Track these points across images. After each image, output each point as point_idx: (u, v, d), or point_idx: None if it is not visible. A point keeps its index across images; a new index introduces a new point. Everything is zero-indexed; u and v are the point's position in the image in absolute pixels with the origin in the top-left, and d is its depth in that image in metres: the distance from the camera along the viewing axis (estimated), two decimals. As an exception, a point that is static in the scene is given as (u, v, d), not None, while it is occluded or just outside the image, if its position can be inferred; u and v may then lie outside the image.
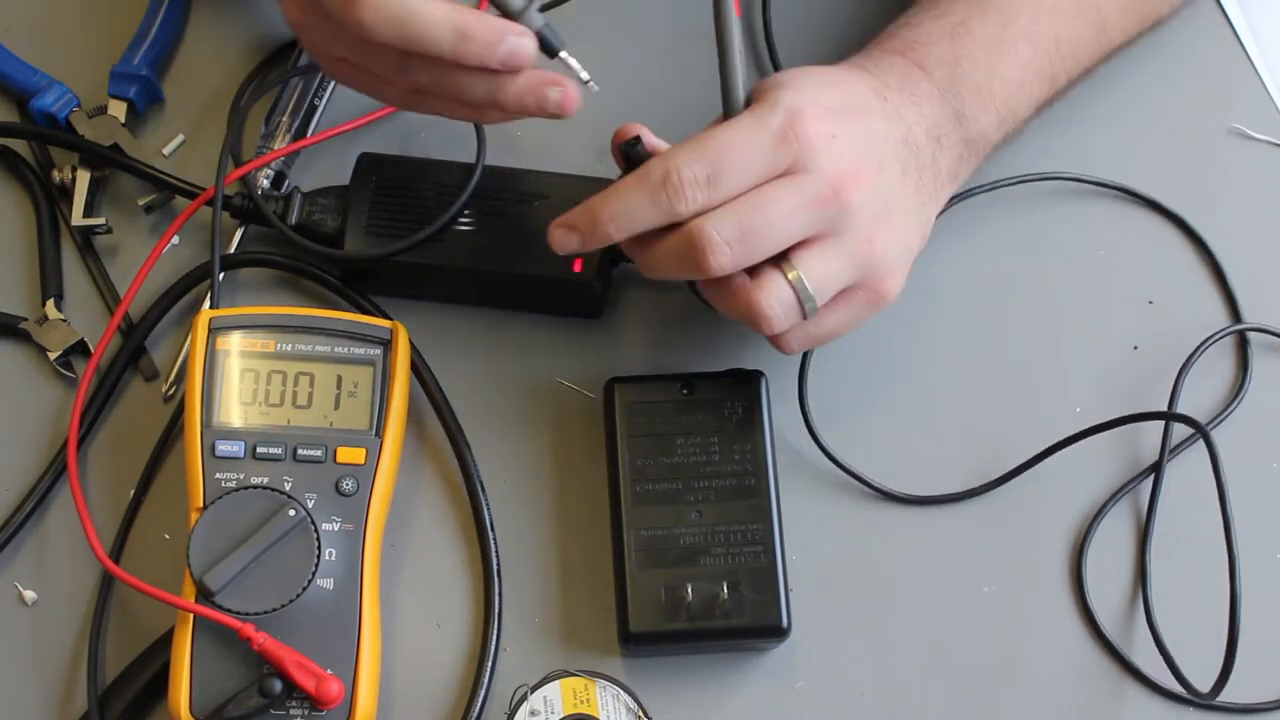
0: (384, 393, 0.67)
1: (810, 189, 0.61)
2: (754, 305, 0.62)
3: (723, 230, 0.61)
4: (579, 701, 0.64)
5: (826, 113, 0.62)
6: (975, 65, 0.69)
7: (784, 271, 0.62)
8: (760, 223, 0.61)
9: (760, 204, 0.61)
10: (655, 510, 0.67)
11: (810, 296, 0.62)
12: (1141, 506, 0.71)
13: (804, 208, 0.61)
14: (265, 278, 0.74)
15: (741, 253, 0.61)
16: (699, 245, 0.61)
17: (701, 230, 0.61)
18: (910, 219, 0.66)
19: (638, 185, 0.62)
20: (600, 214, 0.63)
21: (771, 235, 0.61)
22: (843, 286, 0.64)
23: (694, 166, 0.60)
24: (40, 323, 0.72)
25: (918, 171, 0.66)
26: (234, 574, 0.61)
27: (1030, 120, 0.73)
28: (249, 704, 0.61)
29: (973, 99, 0.68)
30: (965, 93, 0.68)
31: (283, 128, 0.76)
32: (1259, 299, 0.75)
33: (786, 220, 0.61)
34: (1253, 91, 0.81)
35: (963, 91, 0.68)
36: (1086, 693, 0.68)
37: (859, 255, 0.63)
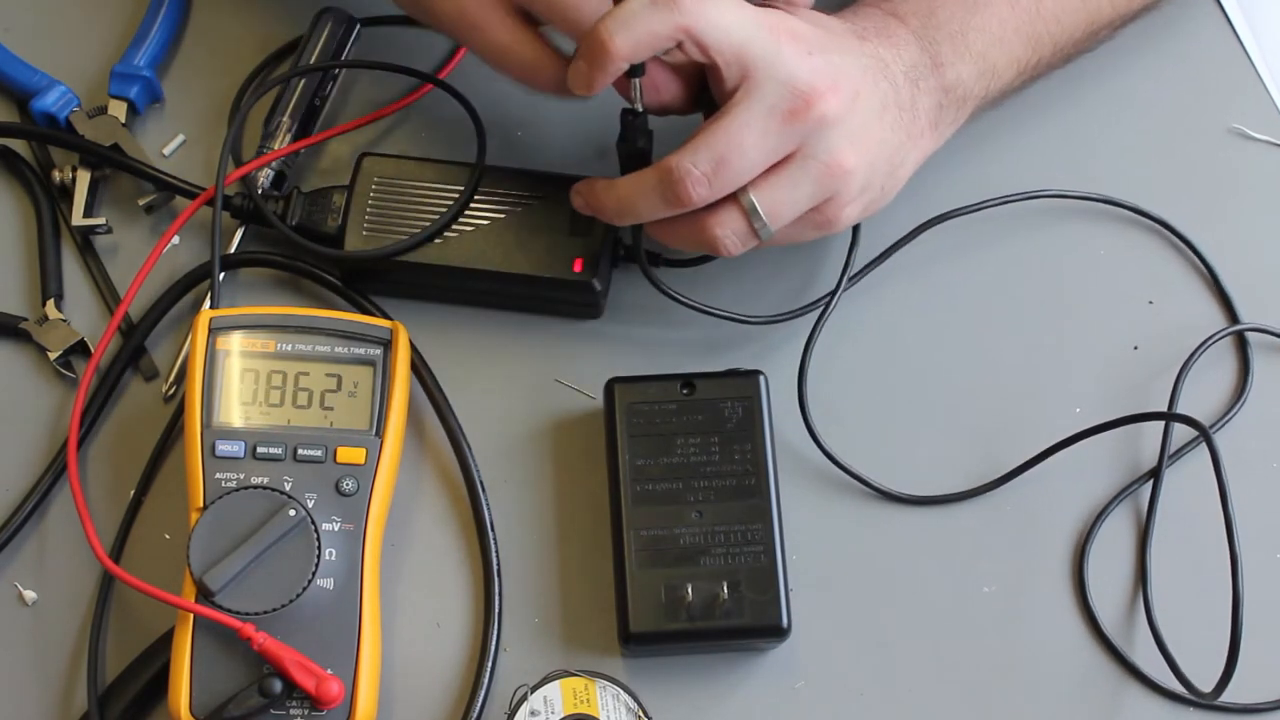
0: (384, 393, 0.67)
1: (782, 104, 0.62)
2: (709, 236, 0.65)
3: (698, 162, 0.62)
4: (579, 701, 0.64)
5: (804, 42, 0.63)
6: (951, 16, 0.69)
7: (739, 199, 0.63)
8: (733, 150, 0.62)
9: (731, 128, 0.62)
10: (655, 510, 0.66)
11: (765, 224, 0.64)
12: (1142, 507, 0.71)
13: (775, 127, 0.62)
14: (265, 278, 0.74)
15: (719, 182, 0.62)
16: (677, 179, 0.62)
17: (679, 165, 0.62)
18: (882, 153, 0.66)
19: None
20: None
21: (746, 159, 0.62)
22: (801, 212, 0.65)
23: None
24: (40, 323, 0.72)
25: (896, 108, 0.66)
26: (234, 574, 0.61)
27: (1015, 86, 0.72)
28: (249, 704, 0.61)
29: (949, 46, 0.69)
30: (941, 40, 0.68)
31: (283, 128, 0.76)
32: (1260, 299, 0.75)
33: (759, 142, 0.62)
34: (1253, 91, 0.81)
35: (939, 39, 0.68)
36: (1087, 693, 0.68)
37: (823, 176, 0.64)
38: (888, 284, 0.75)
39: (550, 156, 0.76)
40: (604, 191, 0.67)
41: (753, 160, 0.62)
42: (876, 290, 0.75)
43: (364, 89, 0.79)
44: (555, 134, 0.77)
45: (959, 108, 0.70)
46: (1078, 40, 0.74)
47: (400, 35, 0.80)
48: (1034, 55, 0.72)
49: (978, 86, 0.70)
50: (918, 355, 0.74)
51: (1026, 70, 0.72)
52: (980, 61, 0.70)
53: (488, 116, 0.74)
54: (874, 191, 0.67)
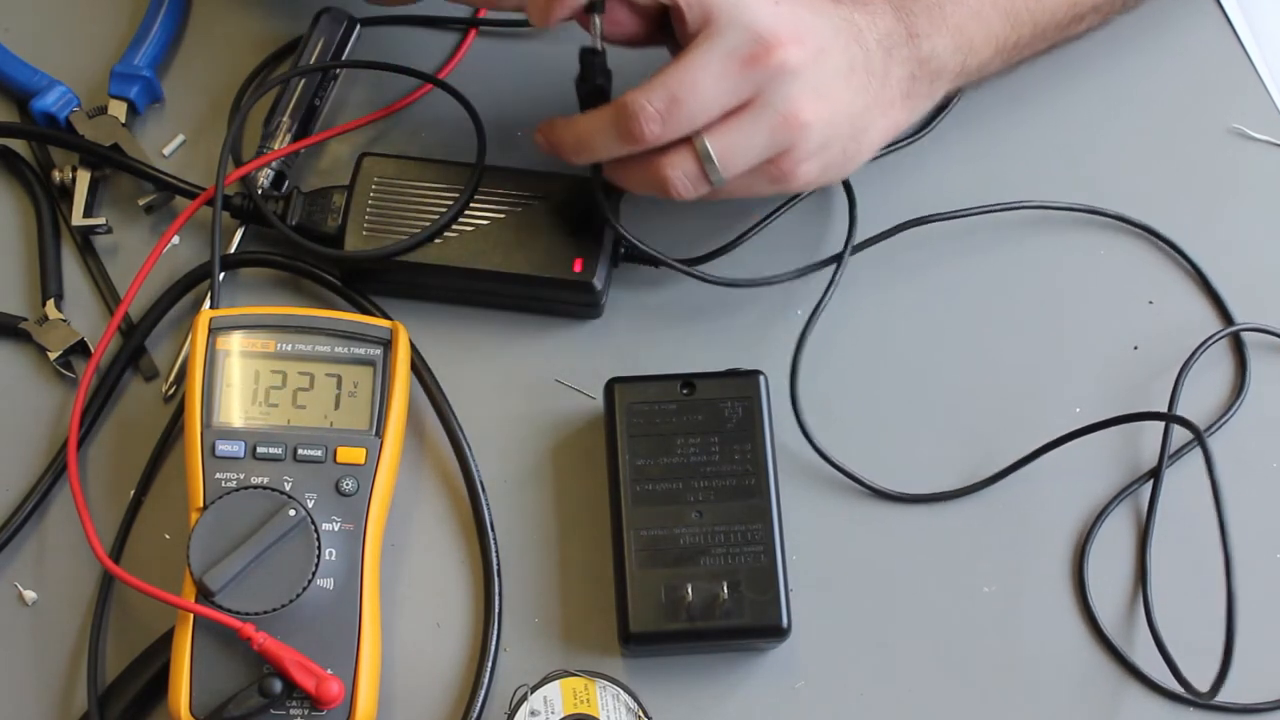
0: (384, 393, 0.67)
1: (742, 49, 0.62)
2: (660, 175, 0.64)
3: (653, 99, 0.62)
4: (579, 701, 0.64)
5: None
6: None
7: (692, 142, 0.63)
8: (688, 89, 0.61)
9: (688, 69, 0.62)
10: (655, 510, 0.66)
11: (717, 170, 0.63)
12: (1142, 507, 0.71)
13: (733, 71, 0.62)
14: (265, 278, 0.74)
15: (672, 121, 0.62)
16: (631, 114, 0.62)
17: (633, 100, 0.62)
18: (845, 114, 0.65)
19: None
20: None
21: (701, 100, 0.62)
22: (755, 162, 0.64)
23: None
24: (40, 323, 0.72)
25: (865, 73, 0.66)
26: (234, 574, 0.61)
27: (993, 65, 0.72)
28: (249, 704, 0.61)
29: (925, 18, 0.68)
30: (918, 11, 0.68)
31: (283, 128, 0.76)
32: (1260, 299, 0.75)
33: (715, 85, 0.62)
34: (1253, 91, 0.81)
35: (915, 10, 0.68)
36: (1087, 693, 0.68)
37: (779, 127, 0.63)
38: (888, 284, 0.75)
39: (550, 156, 0.76)
40: (562, 128, 0.67)
41: (707, 102, 0.62)
42: (877, 290, 0.75)
43: (364, 89, 0.79)
44: (555, 134, 0.77)
45: (933, 81, 0.69)
46: (1060, 22, 0.73)
47: (400, 35, 0.80)
48: (1013, 33, 0.71)
49: (953, 61, 0.69)
50: (919, 355, 0.74)
51: (1005, 48, 0.72)
52: (957, 35, 0.69)
53: (488, 116, 0.74)
54: (833, 152, 0.66)
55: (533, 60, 0.80)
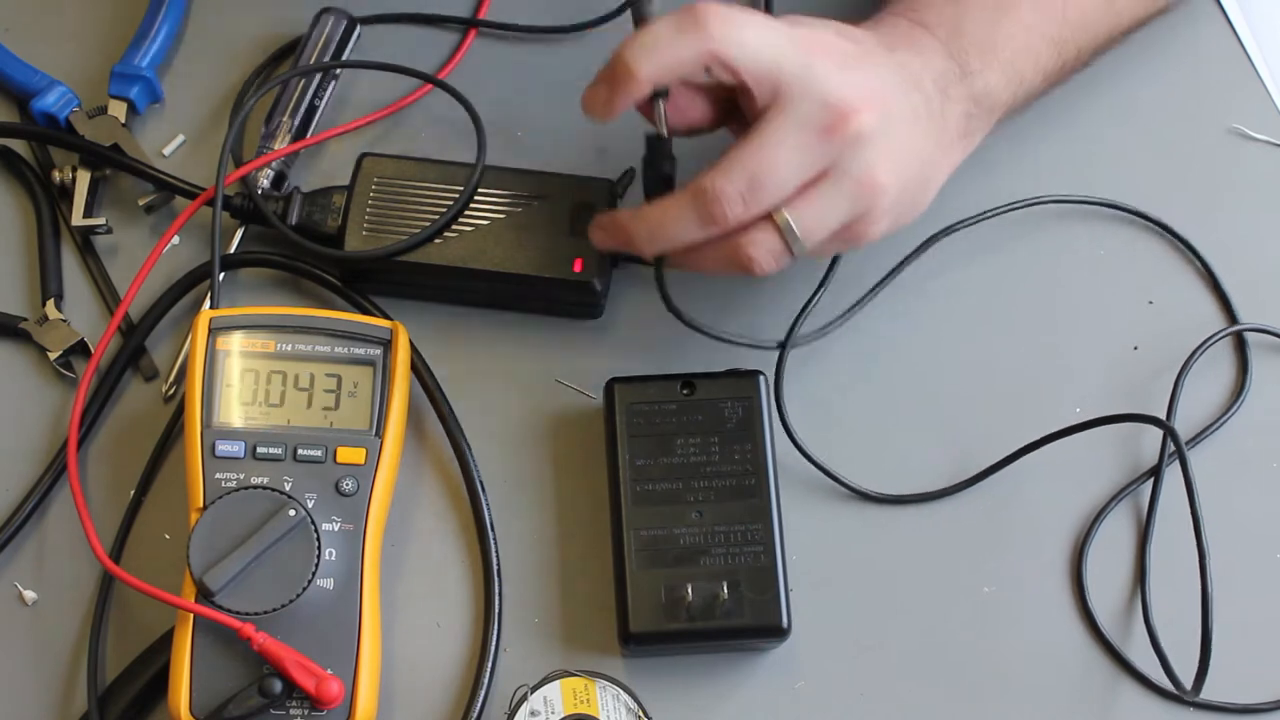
0: (384, 393, 0.67)
1: (816, 121, 0.61)
2: (743, 256, 0.63)
3: (733, 181, 0.61)
4: (579, 701, 0.64)
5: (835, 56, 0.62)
6: (978, 24, 0.68)
7: (774, 218, 0.62)
8: (767, 167, 0.61)
9: (763, 146, 0.61)
10: (655, 510, 0.66)
11: (799, 242, 0.62)
12: (1142, 506, 0.71)
13: (810, 144, 0.61)
14: (265, 278, 0.74)
15: (754, 201, 0.61)
16: (712, 199, 0.61)
17: (713, 184, 0.61)
18: (915, 166, 0.65)
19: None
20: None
21: (780, 177, 0.61)
22: (835, 229, 0.63)
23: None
24: (40, 323, 0.72)
25: (927, 119, 0.65)
26: (234, 574, 0.61)
27: (1039, 91, 0.72)
28: (249, 704, 0.61)
29: (977, 56, 0.68)
30: (969, 49, 0.68)
31: (283, 128, 0.76)
32: (1259, 299, 0.75)
33: (793, 159, 0.61)
34: (1253, 91, 0.81)
35: (967, 48, 0.68)
36: (1086, 693, 0.68)
37: (858, 193, 0.62)
38: (888, 285, 0.75)
39: (550, 156, 0.76)
40: (631, 221, 0.65)
41: (787, 178, 0.61)
42: (875, 292, 0.75)
43: (364, 89, 0.79)
44: (555, 134, 0.77)
45: (988, 116, 0.69)
46: (1100, 45, 0.74)
47: (400, 35, 0.80)
48: (1059, 60, 0.72)
49: (1005, 94, 0.69)
50: (918, 356, 0.74)
51: (1052, 76, 0.72)
52: (1008, 69, 0.69)
53: (488, 116, 0.74)
54: (905, 205, 0.66)
55: (533, 60, 0.80)
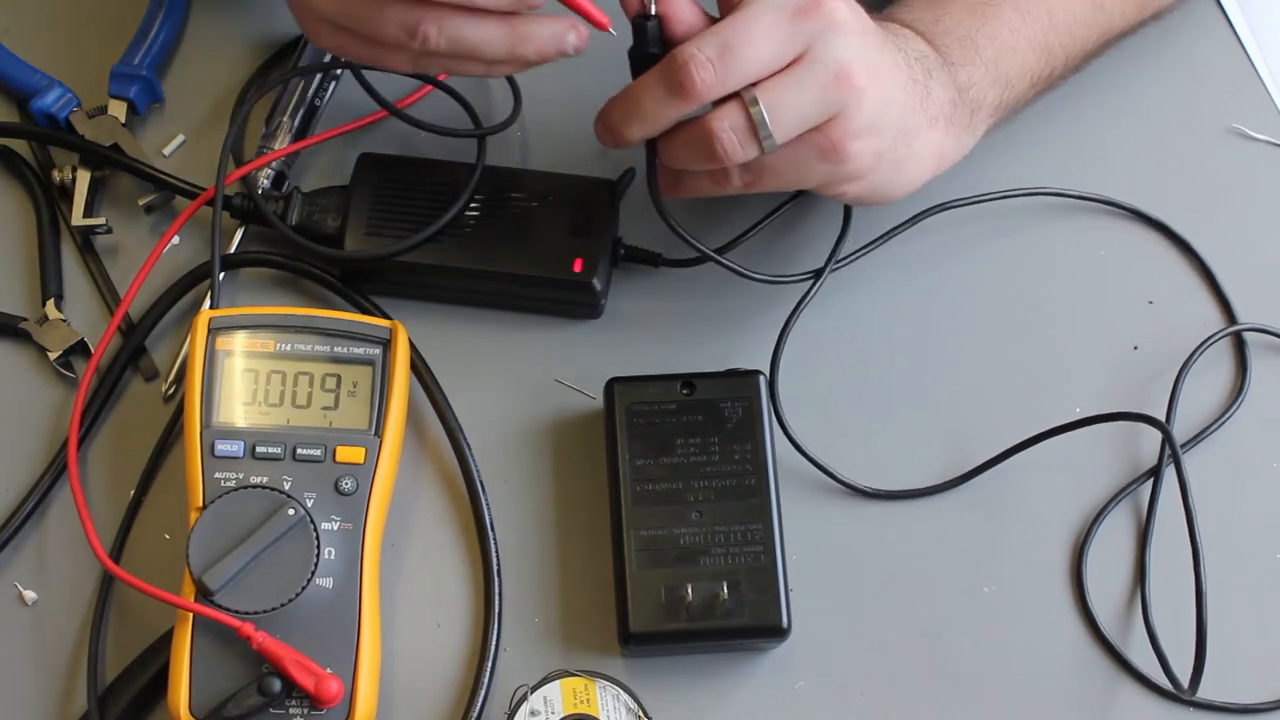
0: (383, 392, 0.67)
1: (792, 1, 0.61)
2: (708, 131, 0.62)
3: (704, 48, 0.60)
4: (579, 701, 0.64)
5: None
6: (958, 22, 0.69)
7: (742, 96, 0.61)
8: (740, 38, 0.60)
9: (739, 19, 0.61)
10: (655, 510, 0.66)
11: (767, 129, 0.61)
12: (1142, 506, 0.71)
13: (785, 20, 0.60)
14: (265, 278, 0.74)
15: (724, 70, 0.60)
16: (681, 64, 0.60)
17: (683, 50, 0.60)
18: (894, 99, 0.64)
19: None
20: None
21: (753, 50, 0.60)
22: (806, 123, 0.62)
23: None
24: (40, 323, 0.72)
25: (908, 76, 0.65)
26: (233, 573, 0.61)
27: (1028, 98, 0.72)
28: (248, 703, 0.61)
29: (958, 49, 0.68)
30: (950, 43, 0.68)
31: (283, 128, 0.76)
32: (1260, 299, 0.75)
33: (768, 34, 0.60)
34: (1253, 91, 0.81)
35: (948, 41, 0.68)
36: (1086, 692, 0.68)
37: (829, 84, 0.61)
38: (888, 282, 0.75)
39: (550, 156, 0.76)
40: (612, 102, 0.64)
41: (760, 52, 0.61)
42: (876, 288, 0.75)
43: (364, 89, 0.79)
44: (555, 134, 0.77)
45: (973, 112, 0.69)
46: (1089, 51, 0.74)
47: (400, 35, 0.80)
48: (1047, 67, 0.72)
49: (992, 94, 0.69)
50: (917, 354, 0.74)
51: (1040, 81, 0.72)
52: (992, 68, 0.69)
53: (487, 117, 0.74)
54: (884, 142, 0.64)
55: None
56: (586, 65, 0.64)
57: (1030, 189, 0.77)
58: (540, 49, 0.62)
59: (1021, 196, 0.77)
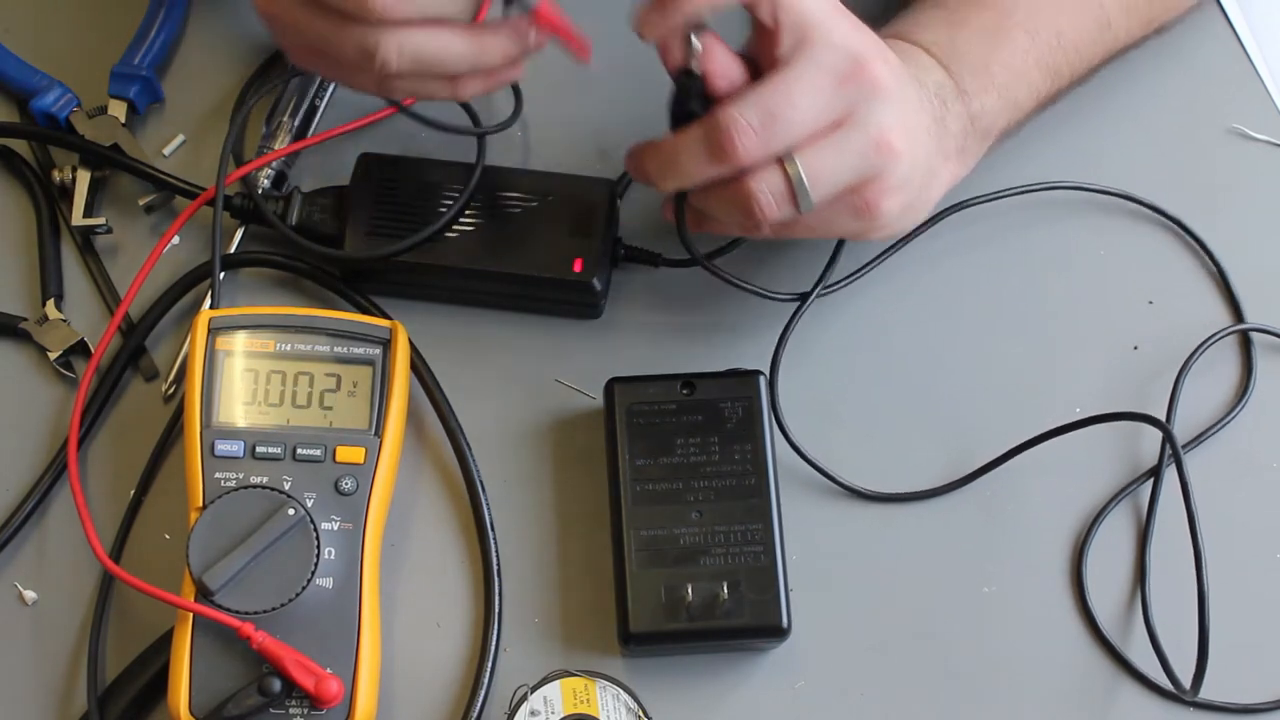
0: (383, 392, 0.67)
1: (838, 66, 0.60)
2: (746, 192, 0.62)
3: (747, 113, 0.60)
4: (579, 701, 0.64)
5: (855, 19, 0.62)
6: (972, 48, 0.69)
7: (782, 159, 0.61)
8: (784, 104, 0.60)
9: (783, 83, 0.60)
10: (655, 510, 0.66)
11: (805, 190, 0.61)
12: (1142, 506, 0.71)
13: (829, 86, 0.60)
14: (265, 278, 0.74)
15: (767, 136, 0.60)
16: (724, 129, 0.60)
17: (726, 114, 0.60)
18: (923, 150, 0.65)
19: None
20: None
21: (796, 116, 0.60)
22: (844, 185, 0.62)
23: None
24: (40, 323, 0.72)
25: (930, 117, 0.65)
26: (233, 573, 0.61)
27: (1032, 115, 0.72)
28: (248, 703, 0.61)
29: (972, 77, 0.68)
30: (965, 71, 0.68)
31: (283, 128, 0.76)
32: (1260, 299, 0.75)
33: (811, 100, 0.60)
34: (1253, 91, 0.81)
35: (963, 69, 0.68)
36: (1086, 693, 0.68)
37: (869, 149, 0.62)
38: (887, 283, 0.75)
39: (550, 156, 0.76)
40: (646, 151, 0.64)
41: (803, 118, 0.60)
42: (876, 289, 0.75)
43: (364, 89, 0.79)
44: (555, 134, 0.77)
45: (983, 139, 0.70)
46: (1093, 68, 0.74)
47: (400, 35, 0.80)
48: (1053, 86, 0.72)
49: (1000, 119, 0.70)
50: (917, 355, 0.74)
51: (1044, 100, 0.72)
52: (1003, 94, 0.69)
53: (487, 117, 0.74)
54: (911, 193, 0.65)
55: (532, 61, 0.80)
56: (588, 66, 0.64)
57: (1048, 183, 0.77)
58: (504, 51, 0.62)
59: (1038, 191, 0.77)
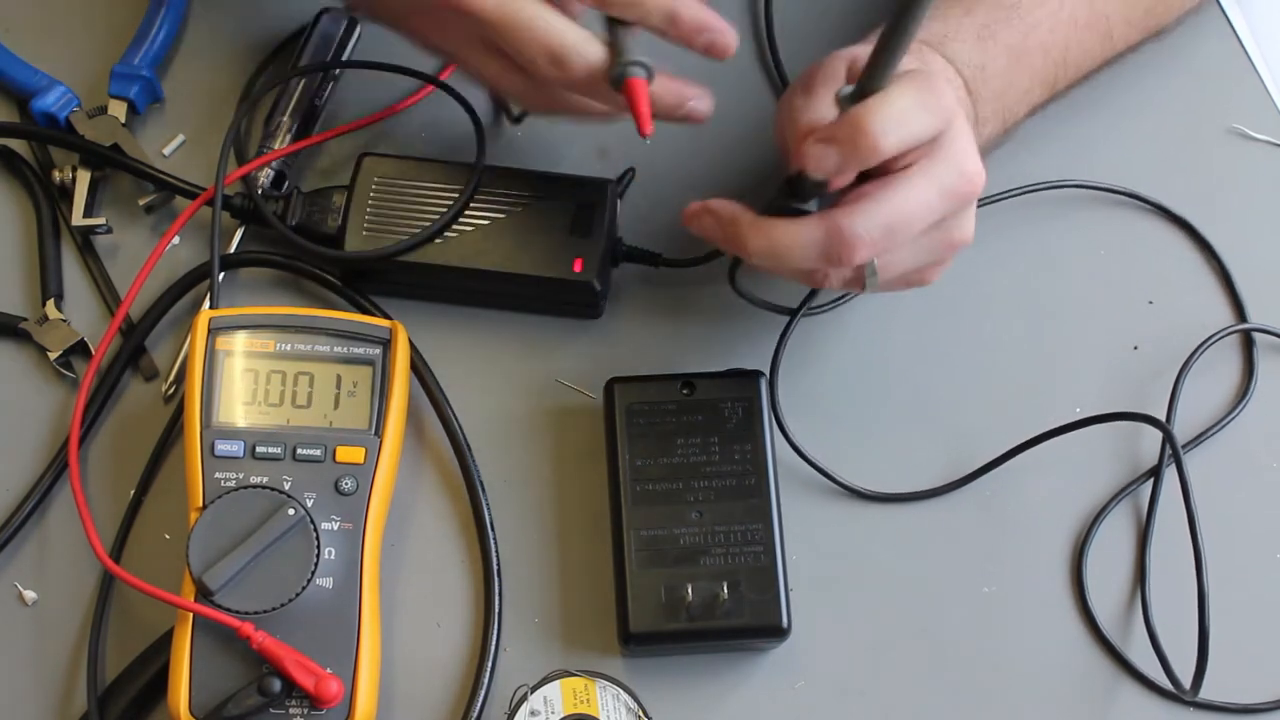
0: (383, 392, 0.67)
1: (954, 186, 0.60)
2: (820, 279, 0.62)
3: (871, 229, 0.59)
4: (579, 701, 0.64)
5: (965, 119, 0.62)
6: (996, 73, 0.68)
7: None
8: (904, 222, 0.59)
9: (907, 201, 0.59)
10: (655, 510, 0.66)
11: (875, 280, 0.62)
12: (1142, 507, 0.71)
13: (942, 206, 0.60)
14: (265, 278, 0.74)
15: (881, 249, 0.60)
16: (846, 241, 0.59)
17: (851, 227, 0.59)
18: None
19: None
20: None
21: (910, 232, 0.60)
22: (909, 273, 0.63)
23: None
24: (40, 323, 0.72)
25: None
26: (233, 573, 0.61)
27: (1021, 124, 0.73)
28: (248, 703, 0.61)
29: (988, 107, 0.68)
30: (985, 99, 0.68)
31: (283, 128, 0.76)
32: (1260, 299, 0.75)
33: (926, 218, 0.60)
34: (1253, 91, 0.81)
35: (984, 97, 0.68)
36: (1086, 693, 0.68)
37: (943, 247, 0.62)
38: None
39: (550, 156, 0.76)
40: (751, 230, 0.62)
41: (913, 233, 0.60)
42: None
43: (364, 89, 0.79)
44: (555, 134, 0.77)
45: None
46: (1087, 76, 0.75)
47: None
48: (1047, 97, 0.73)
49: (996, 141, 0.71)
50: (918, 356, 0.74)
51: (1036, 110, 0.73)
52: (1008, 115, 0.70)
53: (487, 116, 0.74)
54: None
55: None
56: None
57: (1049, 182, 0.77)
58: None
59: (1039, 191, 0.77)
